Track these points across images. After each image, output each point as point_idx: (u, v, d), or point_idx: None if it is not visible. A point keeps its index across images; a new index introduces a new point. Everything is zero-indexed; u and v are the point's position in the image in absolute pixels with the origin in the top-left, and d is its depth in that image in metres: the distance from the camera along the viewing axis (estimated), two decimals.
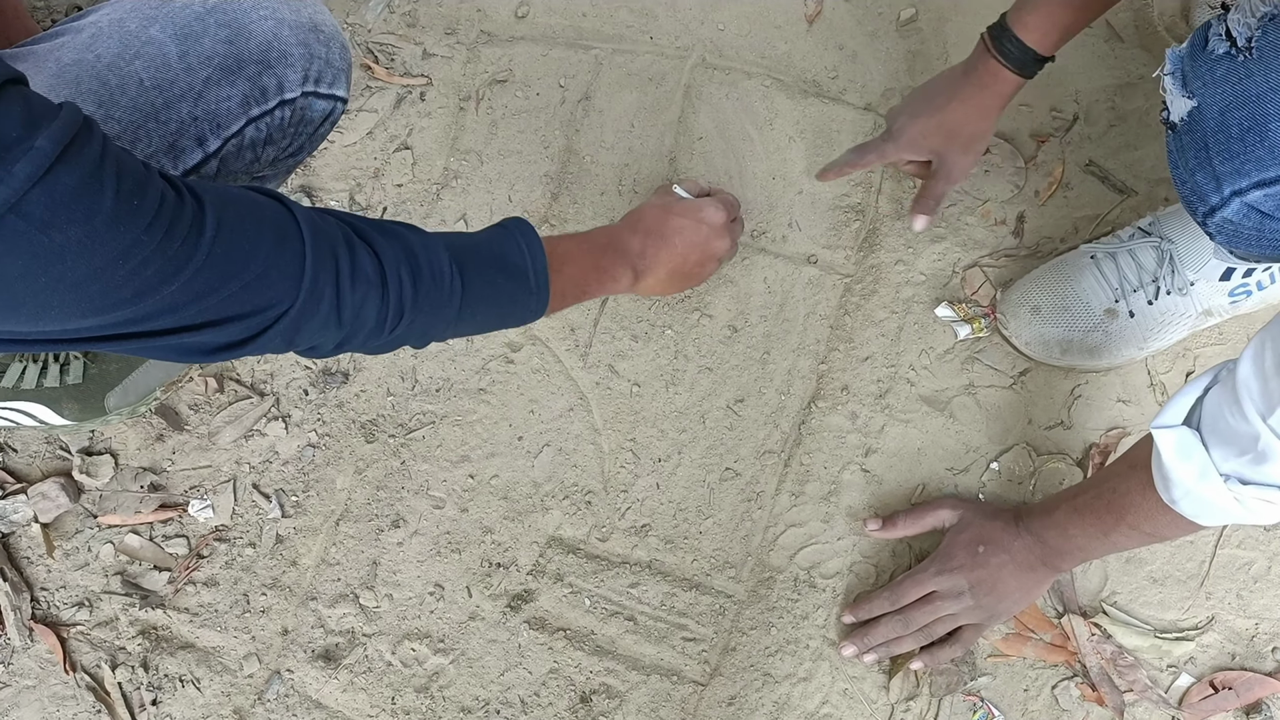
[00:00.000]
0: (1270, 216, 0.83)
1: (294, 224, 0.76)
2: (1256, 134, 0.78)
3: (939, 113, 1.11)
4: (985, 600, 1.11)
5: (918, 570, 1.14)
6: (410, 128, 1.36)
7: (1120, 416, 1.23)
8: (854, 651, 1.16)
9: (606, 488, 1.24)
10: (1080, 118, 1.31)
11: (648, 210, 1.12)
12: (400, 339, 0.86)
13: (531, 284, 0.94)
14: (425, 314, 0.85)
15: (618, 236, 1.08)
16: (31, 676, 1.21)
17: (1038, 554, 1.08)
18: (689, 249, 1.11)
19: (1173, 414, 0.86)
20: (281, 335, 0.77)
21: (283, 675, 1.20)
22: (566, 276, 0.99)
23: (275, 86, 0.92)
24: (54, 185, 0.58)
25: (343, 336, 0.81)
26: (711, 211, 1.13)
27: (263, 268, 0.72)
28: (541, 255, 0.95)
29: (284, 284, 0.74)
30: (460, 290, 0.87)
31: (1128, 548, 1.06)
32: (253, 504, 1.25)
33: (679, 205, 1.13)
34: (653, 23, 1.38)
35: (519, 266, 0.93)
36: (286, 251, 0.74)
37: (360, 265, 0.79)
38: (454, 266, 0.87)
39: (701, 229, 1.11)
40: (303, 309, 0.76)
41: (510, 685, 1.19)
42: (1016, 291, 1.23)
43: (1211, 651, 1.18)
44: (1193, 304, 1.19)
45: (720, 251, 1.14)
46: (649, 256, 1.08)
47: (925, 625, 1.13)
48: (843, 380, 1.26)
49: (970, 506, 1.17)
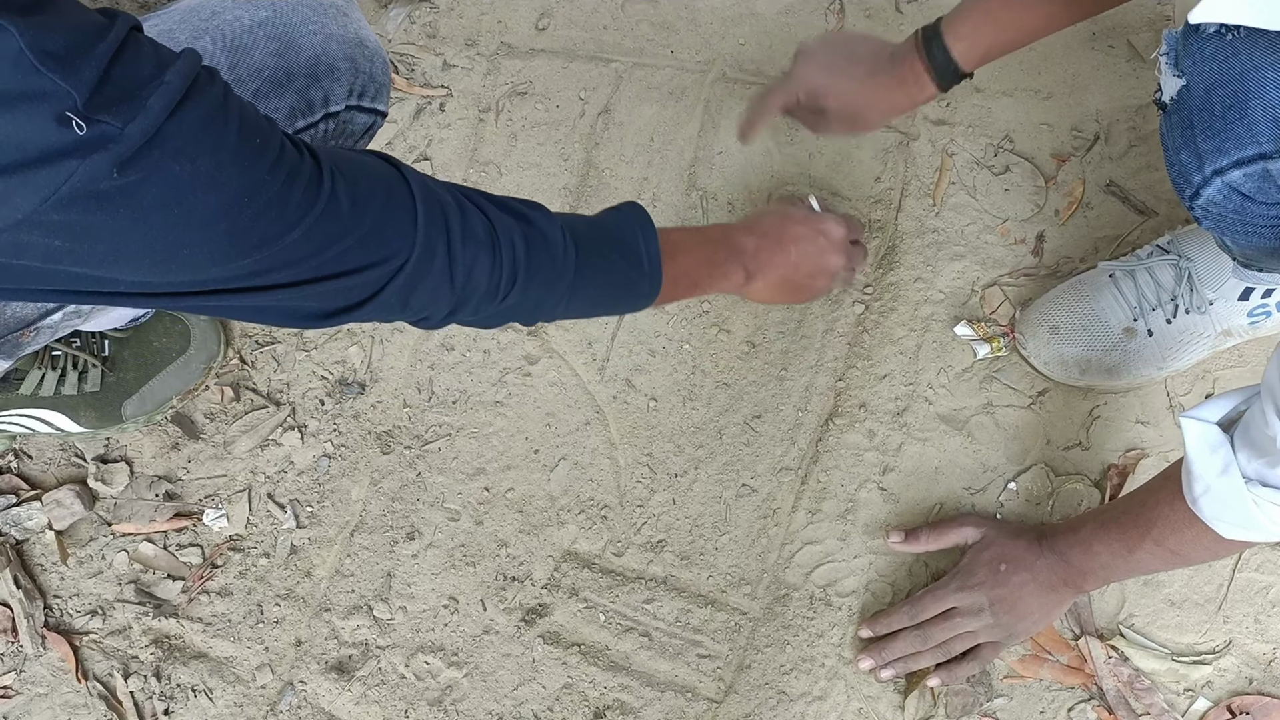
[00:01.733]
0: (1250, 198, 0.83)
1: (404, 183, 0.76)
2: (1237, 111, 0.79)
3: (850, 83, 1.06)
4: (1005, 619, 1.10)
5: (938, 586, 1.14)
6: (429, 139, 1.36)
7: (1139, 438, 1.23)
8: (870, 665, 1.15)
9: (622, 502, 1.24)
10: (1101, 138, 1.30)
11: (768, 214, 1.10)
12: (513, 309, 0.85)
13: (645, 266, 0.92)
14: (538, 282, 0.84)
15: (733, 234, 1.06)
16: (43, 684, 1.21)
17: (1060, 574, 1.08)
18: (803, 258, 1.07)
19: (1209, 410, 0.85)
20: (397, 294, 0.76)
21: (296, 687, 1.20)
22: (679, 265, 0.96)
23: (321, 100, 0.92)
24: (185, 117, 0.60)
25: (455, 301, 0.80)
26: (832, 225, 1.10)
27: (377, 222, 0.73)
28: (655, 239, 0.93)
29: (398, 238, 0.75)
30: (574, 261, 0.86)
31: (1151, 569, 1.05)
32: (267, 514, 1.25)
33: (800, 214, 1.11)
34: (674, 37, 1.38)
35: (633, 246, 0.91)
36: (398, 207, 0.75)
37: (471, 225, 0.79)
38: (568, 236, 0.85)
39: (819, 240, 1.08)
40: (418, 264, 0.76)
41: (524, 700, 1.19)
42: (1035, 311, 1.23)
43: (1229, 675, 1.17)
44: (1211, 323, 1.18)
45: (834, 266, 1.10)
46: (762, 258, 1.05)
47: (943, 642, 1.12)
48: (860, 398, 1.26)
49: (993, 525, 1.16)
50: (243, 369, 1.29)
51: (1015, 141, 1.31)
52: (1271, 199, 0.82)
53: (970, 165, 1.31)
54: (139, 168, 0.58)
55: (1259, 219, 0.86)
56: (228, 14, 0.90)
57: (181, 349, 1.23)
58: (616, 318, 1.28)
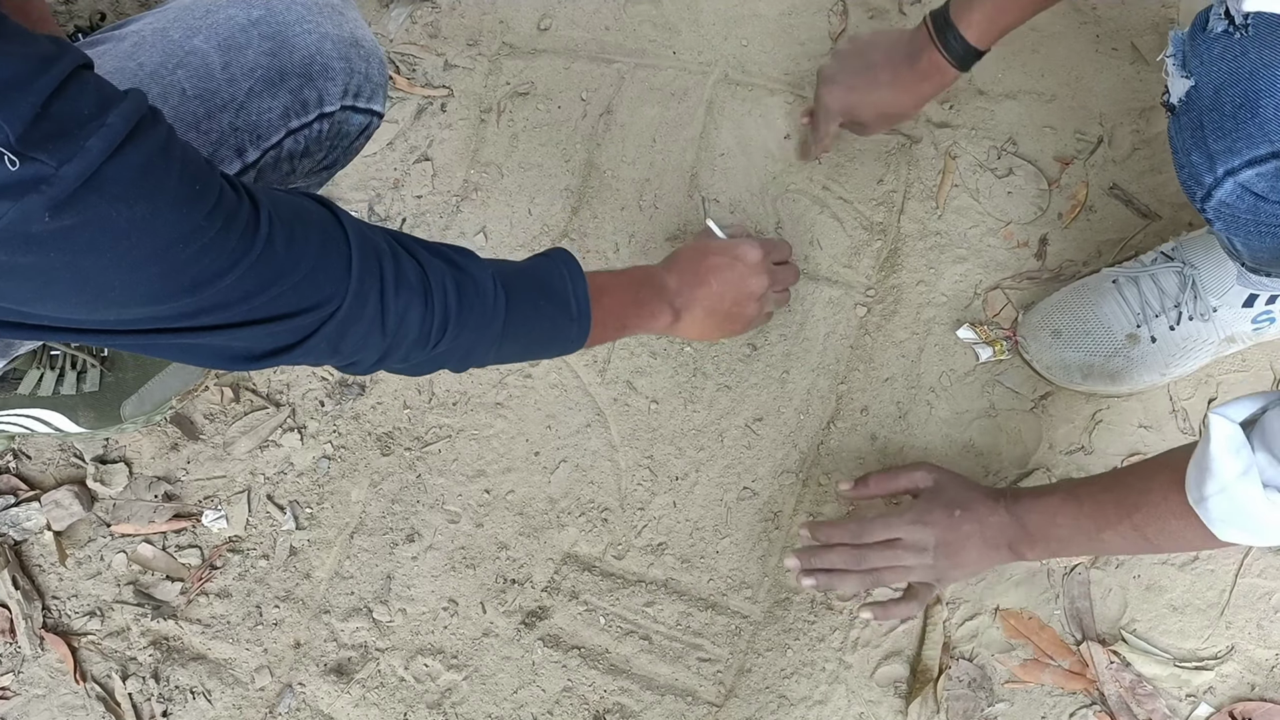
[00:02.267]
0: (1263, 198, 0.82)
1: (340, 228, 0.76)
2: (1248, 110, 0.78)
3: (876, 90, 1.13)
4: (942, 563, 1.07)
5: (891, 514, 1.10)
6: (431, 139, 1.36)
7: (1141, 442, 1.22)
8: (796, 566, 1.11)
9: (623, 505, 1.23)
10: (1105, 141, 1.30)
11: (683, 249, 1.12)
12: (444, 356, 0.86)
13: (573, 310, 0.94)
14: (470, 330, 0.85)
15: (653, 273, 1.08)
16: (41, 686, 1.20)
17: (1009, 535, 1.05)
18: (724, 287, 1.09)
19: (1236, 410, 0.83)
20: (328, 339, 0.76)
21: (294, 689, 1.20)
22: (606, 307, 0.98)
23: (316, 99, 0.92)
24: (125, 161, 0.59)
25: (386, 347, 0.81)
26: (747, 249, 1.11)
27: (311, 267, 0.73)
28: (583, 282, 0.94)
29: (332, 284, 0.75)
30: (504, 308, 0.87)
31: (1114, 551, 1.05)
32: (267, 515, 1.24)
33: (715, 244, 1.12)
34: (676, 37, 1.37)
35: (561, 293, 0.93)
36: (333, 253, 0.75)
37: (404, 272, 0.79)
38: (498, 284, 0.86)
39: (736, 266, 1.10)
40: (350, 310, 0.76)
41: (524, 703, 1.18)
42: (1037, 314, 1.22)
43: (1231, 681, 1.17)
44: (1215, 330, 1.18)
45: (757, 289, 1.11)
46: (685, 294, 1.07)
47: (876, 569, 1.08)
48: (862, 401, 1.25)
49: (947, 473, 1.13)
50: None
51: (1018, 144, 1.30)
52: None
53: (973, 168, 1.30)
54: (74, 211, 0.57)
55: (1272, 219, 0.85)
56: (222, 12, 0.89)
57: None
58: None
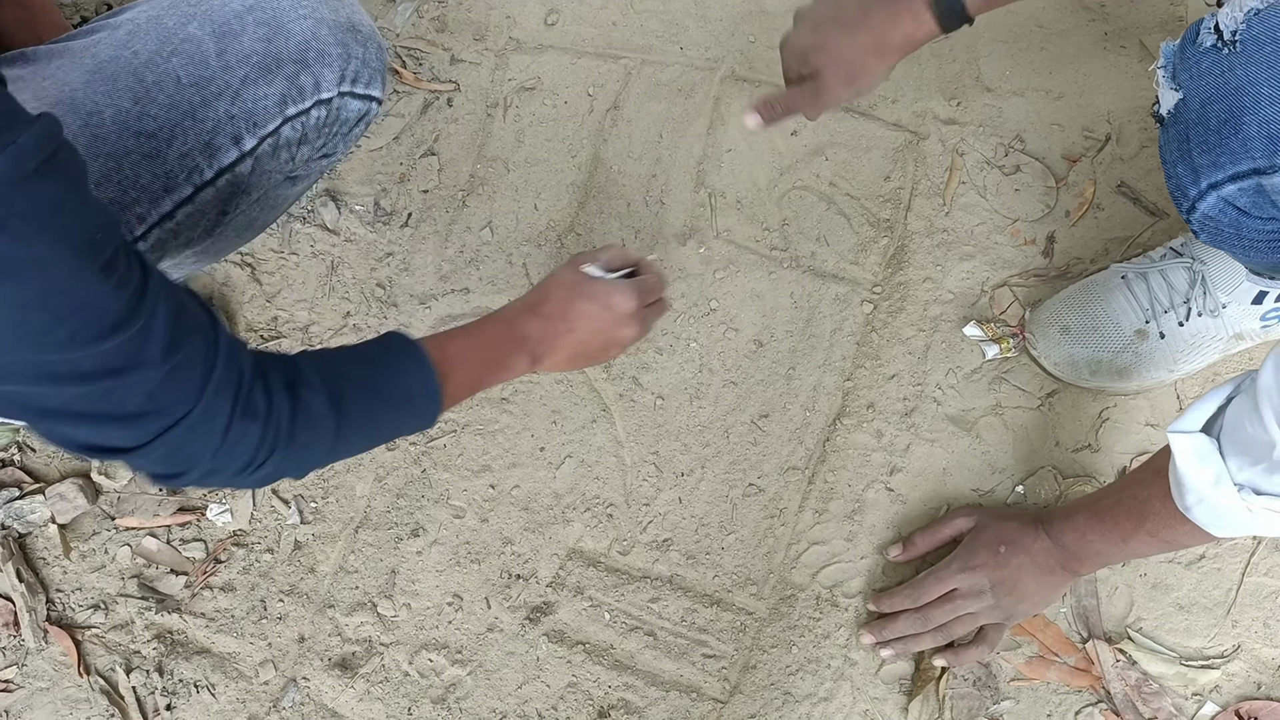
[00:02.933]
0: (1245, 213, 0.82)
1: (214, 341, 0.73)
2: (1232, 126, 0.79)
3: (836, 29, 0.96)
4: (1005, 600, 1.11)
5: (940, 568, 1.14)
6: (437, 134, 1.35)
7: (1148, 440, 1.22)
8: (872, 640, 1.16)
9: (628, 501, 1.23)
10: (1113, 138, 1.30)
11: (554, 290, 1.04)
12: (265, 475, 0.82)
13: (419, 408, 0.90)
14: (295, 456, 0.81)
15: (516, 324, 1.01)
16: (45, 679, 1.20)
17: (1056, 557, 1.08)
18: (592, 335, 1.03)
19: (1191, 420, 0.86)
20: (166, 447, 0.73)
21: (299, 683, 1.19)
22: (457, 381, 0.94)
23: (312, 86, 0.91)
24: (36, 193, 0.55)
25: (213, 467, 0.77)
26: (621, 300, 1.04)
27: (178, 362, 0.70)
28: (434, 380, 0.90)
29: (185, 393, 0.71)
30: (335, 433, 0.83)
31: (1146, 555, 1.06)
32: (271, 509, 1.24)
33: (587, 287, 1.04)
34: (683, 34, 1.37)
35: (407, 397, 0.89)
36: (199, 357, 0.72)
37: (254, 398, 0.76)
38: (333, 411, 0.82)
39: (607, 315, 1.03)
40: (194, 425, 0.73)
41: (528, 698, 1.18)
42: (1046, 311, 1.22)
43: (1237, 680, 1.16)
44: (1224, 327, 1.18)
45: (627, 339, 1.06)
46: (548, 341, 1.02)
47: (944, 624, 1.13)
48: (868, 398, 1.25)
49: (983, 511, 1.17)
50: None
51: (1026, 142, 1.30)
52: (1266, 214, 0.82)
53: (981, 165, 1.30)
54: None
55: (1255, 234, 0.86)
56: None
57: None
58: None
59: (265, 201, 1.02)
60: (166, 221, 0.90)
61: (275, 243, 1.31)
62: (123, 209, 0.86)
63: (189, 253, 1.00)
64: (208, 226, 0.95)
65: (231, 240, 1.07)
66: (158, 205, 0.88)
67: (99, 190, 0.84)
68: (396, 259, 1.31)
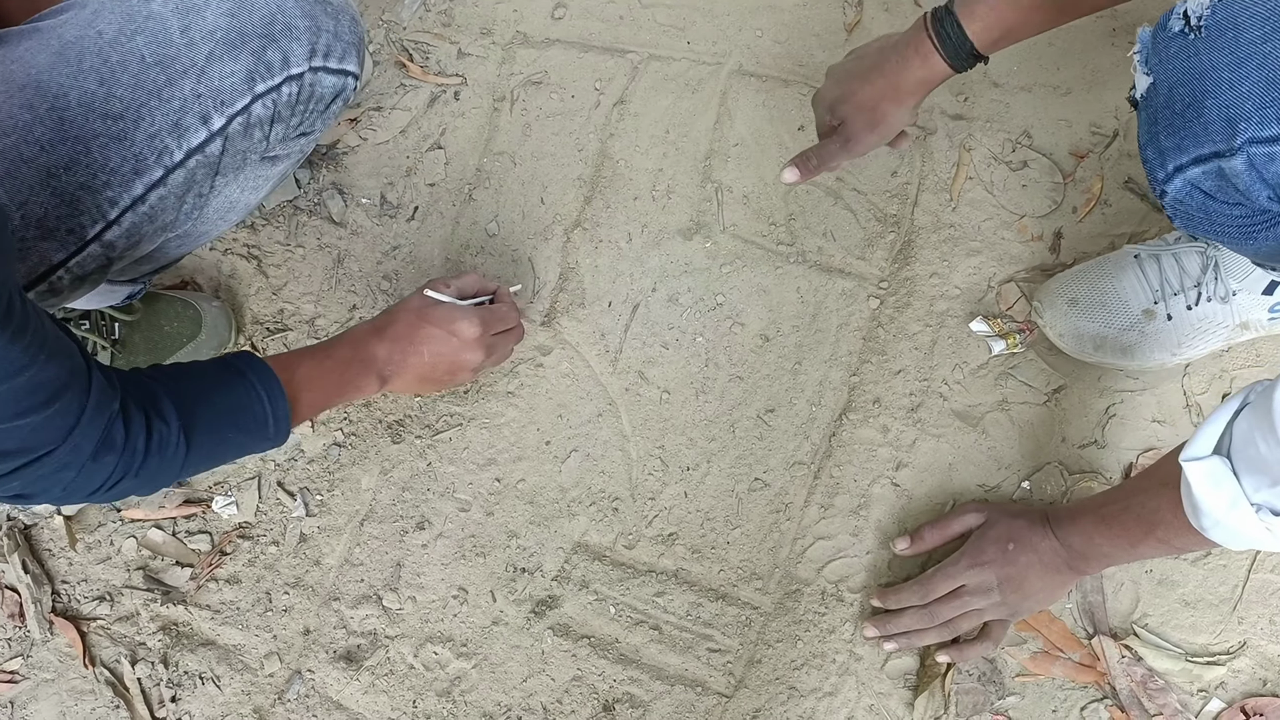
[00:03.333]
0: (1211, 197, 0.83)
1: (84, 388, 0.76)
2: (1194, 110, 0.79)
3: (860, 82, 1.03)
4: (1012, 598, 1.11)
5: (948, 564, 1.14)
6: (444, 127, 1.35)
7: (1155, 437, 1.22)
8: (875, 634, 1.16)
9: (634, 495, 1.23)
10: (1120, 134, 1.29)
11: (401, 314, 1.08)
12: (111, 496, 0.86)
13: (270, 430, 0.95)
14: (143, 481, 0.85)
15: (364, 345, 1.06)
16: (50, 670, 1.20)
17: (1063, 557, 1.08)
18: (436, 359, 1.08)
19: (1202, 444, 0.85)
20: (22, 478, 0.76)
21: (304, 675, 1.19)
22: (306, 402, 0.99)
23: (280, 61, 0.90)
24: None
25: (64, 494, 0.81)
26: (465, 325, 1.08)
27: (52, 413, 0.73)
28: (284, 405, 0.94)
29: (57, 434, 0.75)
30: (183, 459, 0.88)
31: (1154, 557, 1.06)
32: (277, 502, 1.24)
33: (433, 311, 1.08)
34: (690, 28, 1.37)
35: (257, 418, 0.93)
36: (72, 405, 0.75)
37: (112, 437, 0.80)
38: (182, 436, 0.87)
39: (451, 341, 1.08)
40: (58, 462, 0.76)
41: (533, 692, 1.18)
42: (1056, 282, 1.22)
43: (1243, 677, 1.16)
44: (1232, 314, 1.17)
45: (471, 363, 1.10)
46: (395, 363, 1.06)
47: (950, 620, 1.13)
48: (875, 393, 1.25)
49: (992, 507, 1.17)
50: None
51: (1034, 137, 1.30)
52: (1231, 198, 0.82)
53: (988, 161, 1.30)
54: None
55: (1223, 219, 0.86)
56: None
57: (192, 334, 1.22)
58: (629, 310, 1.27)
59: (244, 183, 1.01)
60: (139, 205, 0.89)
61: (282, 235, 1.31)
62: (92, 193, 0.85)
63: (170, 236, 0.99)
64: (185, 209, 0.94)
65: (214, 223, 1.05)
66: (128, 188, 0.87)
67: (68, 175, 0.84)
68: (403, 252, 1.31)
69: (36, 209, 0.82)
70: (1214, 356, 1.22)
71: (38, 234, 0.83)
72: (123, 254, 0.90)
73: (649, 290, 1.28)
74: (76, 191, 0.83)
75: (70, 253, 0.85)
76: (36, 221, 0.82)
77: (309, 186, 1.34)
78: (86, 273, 0.88)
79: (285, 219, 1.32)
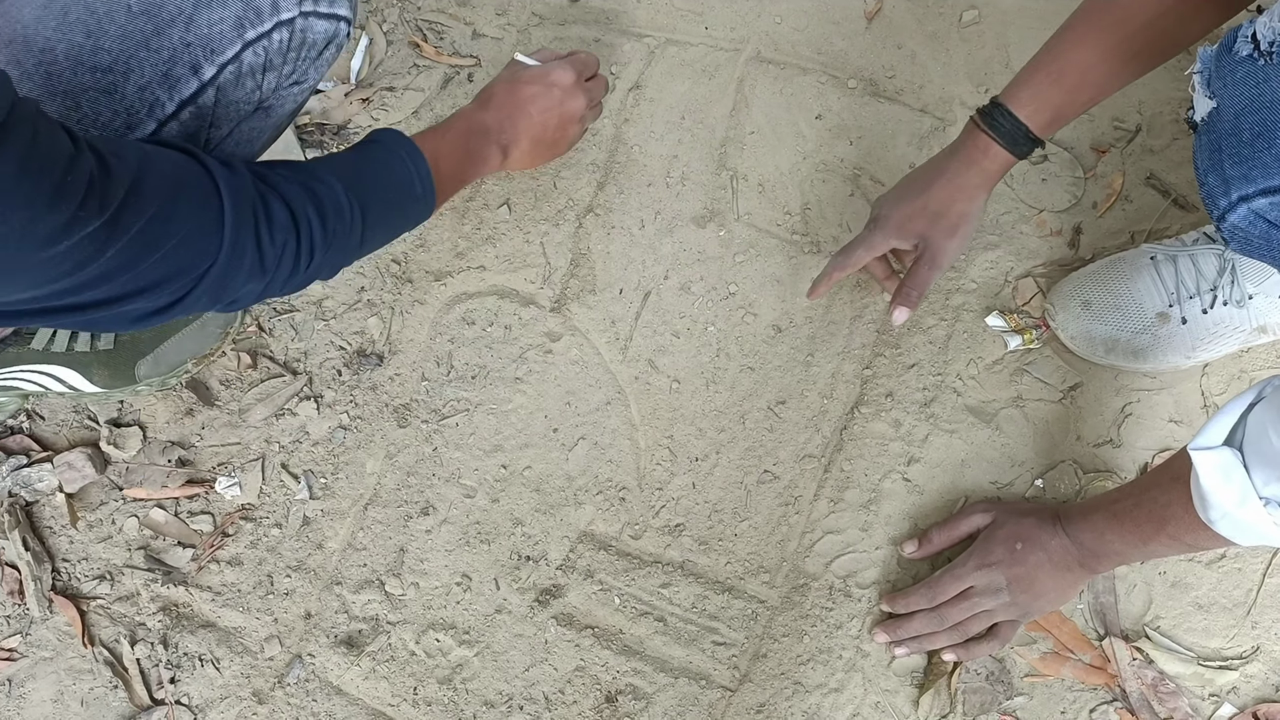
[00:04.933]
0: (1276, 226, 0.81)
1: (211, 182, 0.77)
2: (1265, 140, 0.77)
3: (924, 194, 1.07)
4: (1022, 598, 1.10)
5: (956, 565, 1.13)
6: (457, 108, 1.33)
7: (1171, 437, 1.20)
8: (886, 639, 1.15)
9: (641, 485, 1.22)
10: (1143, 129, 1.28)
11: (497, 86, 1.13)
12: (312, 275, 0.89)
13: (419, 191, 0.98)
14: (335, 249, 0.88)
15: (476, 119, 1.09)
16: (49, 648, 1.19)
17: (1074, 555, 1.07)
18: (545, 114, 1.12)
19: (1213, 434, 0.84)
20: (208, 293, 0.78)
21: (304, 659, 1.18)
22: (444, 172, 1.01)
23: (270, 6, 0.87)
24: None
25: (265, 285, 0.84)
26: (559, 73, 1.13)
27: (186, 231, 0.74)
28: (425, 164, 0.98)
29: (206, 243, 0.76)
30: (361, 220, 0.90)
31: (1166, 555, 1.05)
32: (281, 484, 1.23)
33: (526, 74, 1.13)
34: (708, 13, 1.35)
35: (407, 180, 0.96)
36: (207, 212, 0.76)
37: (275, 215, 0.81)
38: (350, 198, 0.89)
39: (554, 91, 1.12)
40: (226, 266, 0.78)
41: (535, 681, 1.17)
42: (1070, 283, 1.20)
43: (1255, 682, 1.15)
44: (1248, 318, 1.16)
45: (577, 111, 1.14)
46: (509, 130, 1.10)
47: (960, 622, 1.12)
48: (887, 386, 1.23)
49: (1000, 506, 1.15)
50: (260, 336, 1.27)
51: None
52: None
53: None
54: None
55: None
56: None
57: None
58: (641, 298, 1.26)
59: (239, 135, 0.98)
60: None
61: None
62: None
63: None
64: None
65: None
66: None
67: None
68: (412, 234, 1.29)
69: None
70: (1233, 357, 1.20)
71: None
72: None
73: (661, 278, 1.27)
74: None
75: None
76: None
77: None
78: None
79: None
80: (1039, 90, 0.98)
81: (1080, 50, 0.95)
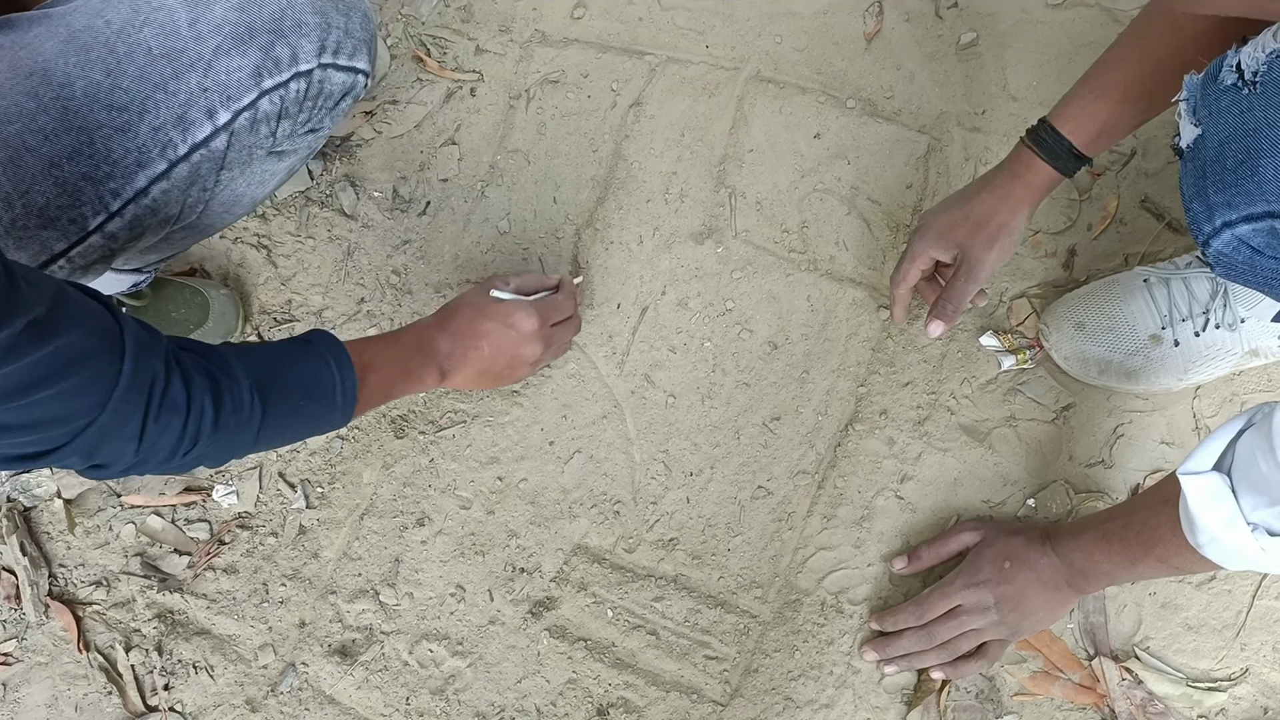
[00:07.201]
0: (1259, 252, 0.82)
1: (120, 342, 0.73)
2: (1248, 167, 0.78)
3: (967, 204, 1.09)
4: (1010, 616, 1.10)
5: (944, 584, 1.13)
6: (459, 123, 1.35)
7: (1163, 458, 1.21)
8: (875, 658, 1.15)
9: (636, 498, 1.22)
10: (1138, 153, 1.29)
11: (460, 309, 1.09)
12: (193, 462, 0.83)
13: (338, 402, 0.92)
14: (222, 442, 0.83)
15: (427, 337, 1.06)
16: (44, 653, 1.20)
17: (1063, 574, 1.08)
18: (496, 353, 1.08)
19: (1203, 459, 0.85)
20: (80, 450, 0.74)
21: (298, 668, 1.19)
22: (372, 385, 0.97)
23: (289, 57, 0.89)
24: None
25: (137, 461, 0.78)
26: (522, 318, 1.09)
27: (81, 378, 0.70)
28: (352, 376, 0.92)
29: (95, 398, 0.72)
30: (260, 419, 0.85)
31: (1154, 577, 1.05)
32: (277, 493, 1.24)
33: (491, 307, 1.09)
34: (709, 32, 1.36)
35: (328, 390, 0.91)
36: (109, 366, 0.72)
37: (172, 393, 0.77)
38: (255, 396, 0.84)
39: (510, 334, 1.09)
40: (106, 425, 0.73)
41: (527, 693, 1.17)
42: (1064, 305, 1.21)
43: (1244, 704, 1.15)
44: (1240, 341, 1.16)
45: (529, 356, 1.11)
46: (456, 357, 1.06)
47: (948, 641, 1.12)
48: (882, 404, 1.24)
49: (989, 524, 1.16)
50: None
51: None
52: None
53: None
54: None
55: (1269, 272, 0.85)
56: None
57: (199, 321, 1.22)
58: (638, 312, 1.27)
59: (250, 177, 1.00)
60: (141, 198, 0.88)
61: (293, 225, 1.31)
62: (95, 184, 0.85)
63: (175, 229, 0.99)
64: (189, 203, 0.93)
65: (219, 217, 1.05)
66: (131, 180, 0.86)
67: (70, 165, 0.83)
68: (413, 246, 1.31)
69: (38, 198, 0.82)
70: (1225, 380, 1.21)
71: (39, 222, 0.83)
72: (125, 245, 0.90)
73: (658, 293, 1.28)
74: (79, 182, 0.83)
75: (71, 242, 0.85)
76: (38, 210, 0.82)
77: (321, 178, 1.33)
78: (88, 262, 0.88)
79: (296, 210, 1.31)
80: (1083, 106, 0.98)
81: (1127, 66, 0.96)
